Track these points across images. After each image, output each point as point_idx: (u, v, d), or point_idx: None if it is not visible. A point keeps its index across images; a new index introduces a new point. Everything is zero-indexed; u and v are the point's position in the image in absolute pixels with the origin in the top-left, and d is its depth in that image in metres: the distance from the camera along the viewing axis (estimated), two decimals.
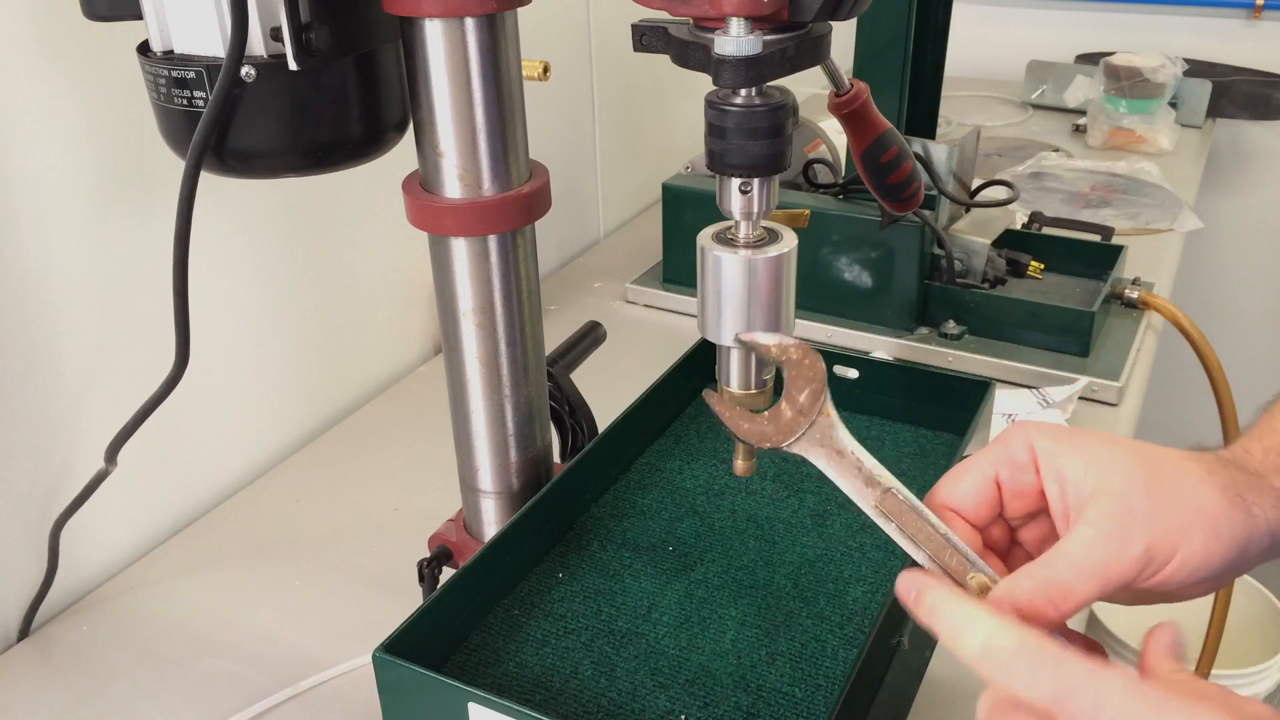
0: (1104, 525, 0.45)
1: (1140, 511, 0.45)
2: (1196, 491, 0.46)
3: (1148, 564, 0.45)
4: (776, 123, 0.55)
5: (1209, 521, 0.45)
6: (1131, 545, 0.44)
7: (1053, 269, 1.33)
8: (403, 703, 0.60)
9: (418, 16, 0.60)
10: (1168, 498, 0.46)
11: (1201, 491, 0.46)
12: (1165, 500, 0.45)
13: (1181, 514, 0.45)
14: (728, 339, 0.61)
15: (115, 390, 0.91)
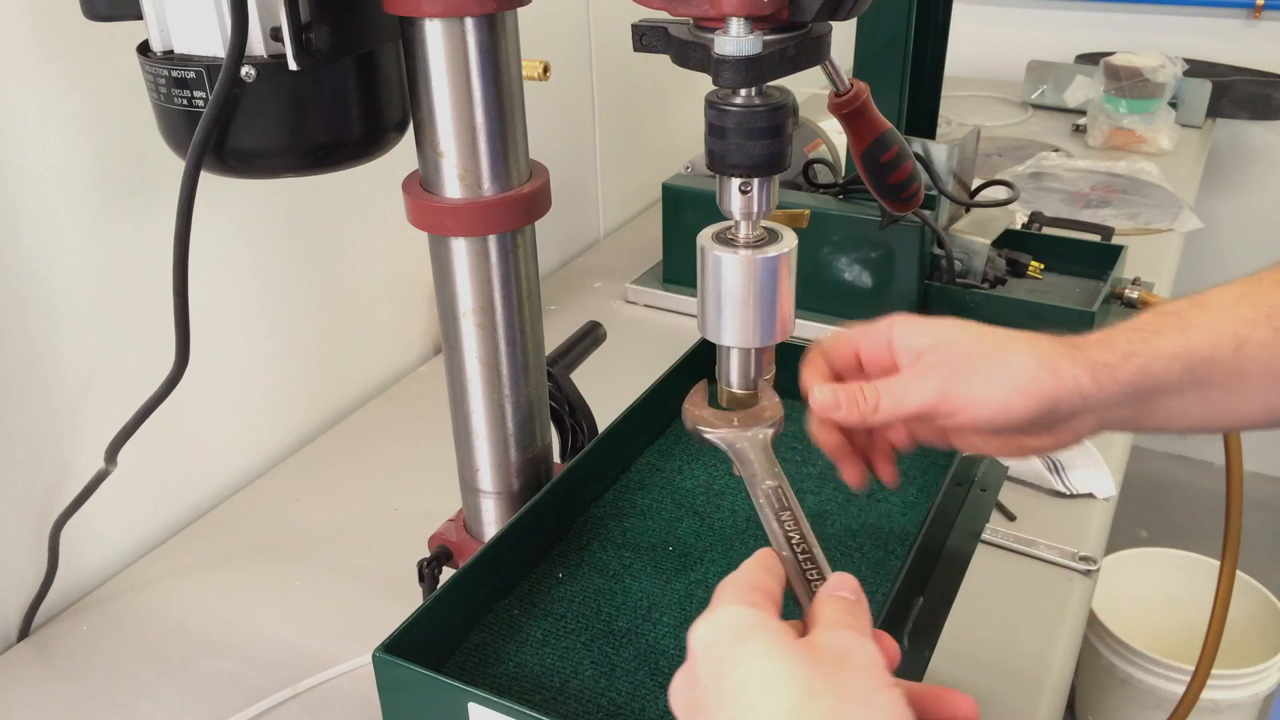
0: (908, 371, 0.58)
1: (943, 365, 0.56)
2: (1008, 356, 0.56)
3: (941, 403, 0.56)
4: (776, 123, 0.55)
5: (1011, 377, 0.55)
6: (926, 386, 0.56)
7: (1053, 269, 1.33)
8: (403, 703, 0.60)
9: (418, 16, 0.60)
10: (977, 359, 0.56)
11: (1012, 356, 0.56)
12: (974, 360, 0.56)
13: (985, 370, 0.56)
14: (728, 339, 0.61)
15: (115, 390, 0.91)
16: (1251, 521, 1.44)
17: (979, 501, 0.82)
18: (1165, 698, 1.67)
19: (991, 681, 0.81)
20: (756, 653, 0.42)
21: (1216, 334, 0.56)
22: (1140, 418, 0.58)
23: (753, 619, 0.44)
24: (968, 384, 0.56)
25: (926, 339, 0.58)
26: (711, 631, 0.44)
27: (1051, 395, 0.55)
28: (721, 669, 0.42)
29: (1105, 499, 1.01)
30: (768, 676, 0.41)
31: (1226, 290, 0.59)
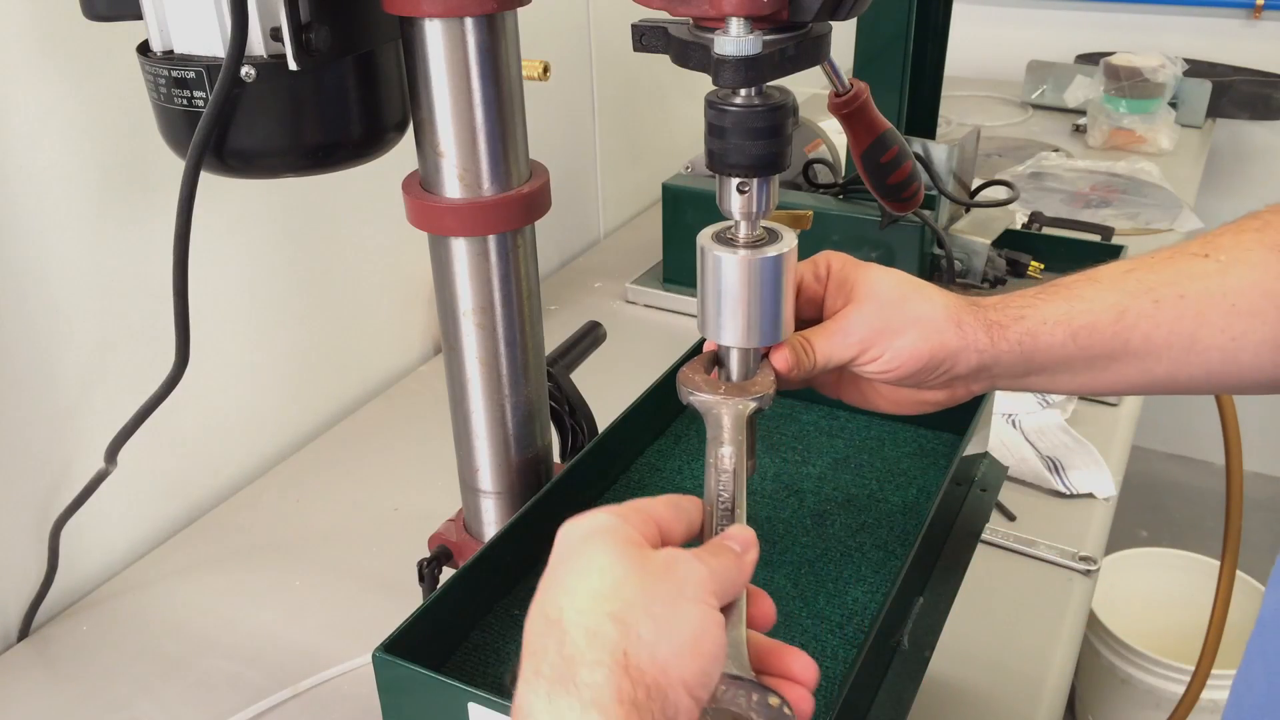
0: (833, 324, 0.62)
1: (867, 318, 0.61)
2: (923, 307, 0.61)
3: (862, 352, 0.61)
4: (776, 123, 0.55)
5: (922, 327, 0.60)
6: (849, 339, 0.61)
7: (1053, 269, 1.33)
8: (403, 703, 0.60)
9: (418, 16, 0.60)
10: (897, 310, 0.61)
11: (926, 308, 0.61)
12: (894, 312, 0.61)
13: (902, 321, 0.61)
14: (727, 339, 0.61)
15: (115, 390, 0.91)
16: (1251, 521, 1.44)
17: (979, 501, 0.82)
18: (1165, 698, 1.67)
19: (991, 681, 0.81)
20: (594, 548, 0.45)
21: (1099, 304, 0.62)
22: (1034, 378, 0.64)
23: (608, 525, 0.46)
24: (885, 337, 0.61)
25: (856, 294, 0.63)
26: (572, 528, 0.47)
27: (955, 346, 0.61)
28: (562, 557, 0.46)
29: (1105, 499, 1.01)
30: (591, 566, 0.44)
31: (1116, 266, 0.64)
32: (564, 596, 0.43)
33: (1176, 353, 0.60)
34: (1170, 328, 0.60)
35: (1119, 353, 0.61)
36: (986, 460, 0.85)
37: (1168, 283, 0.61)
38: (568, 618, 0.42)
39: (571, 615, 0.42)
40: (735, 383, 0.61)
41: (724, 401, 0.60)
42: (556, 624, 0.42)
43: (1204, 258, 0.62)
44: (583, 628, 0.41)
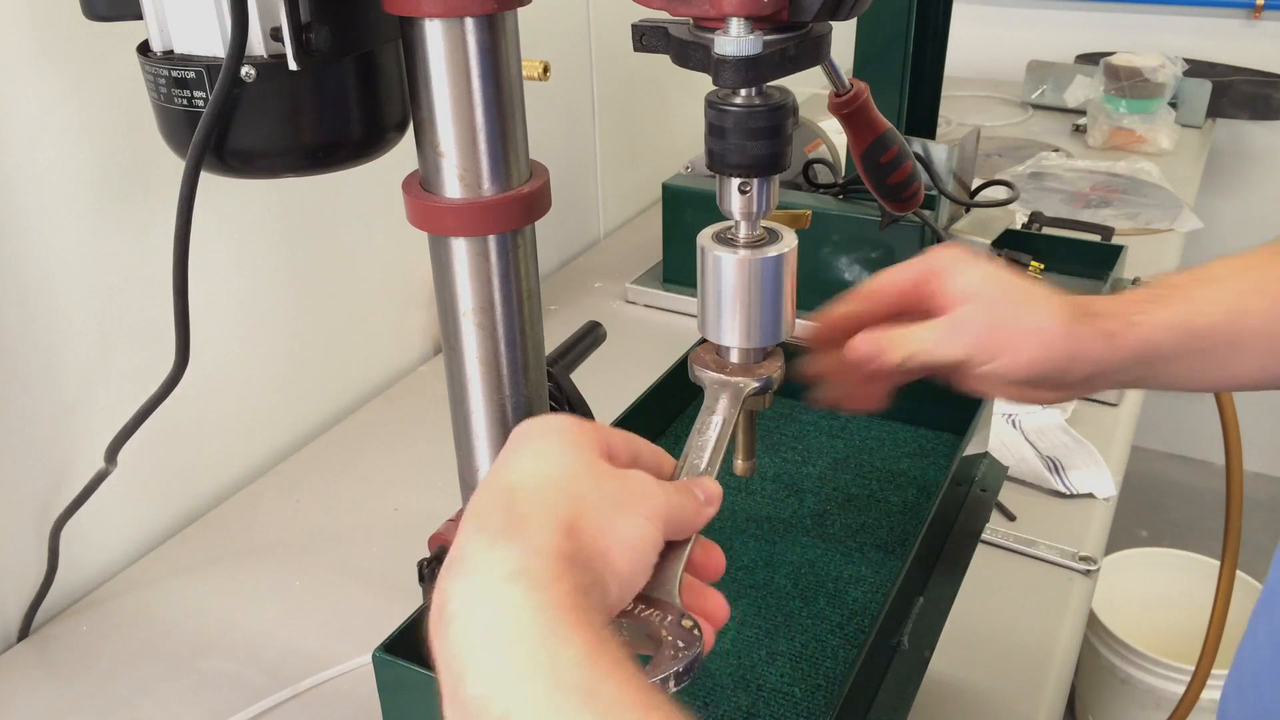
0: (943, 322, 0.62)
1: (981, 319, 0.61)
2: (1037, 317, 0.61)
3: (971, 357, 0.61)
4: (776, 123, 0.55)
5: (1037, 339, 0.60)
6: (955, 342, 0.61)
7: (1053, 269, 1.33)
8: (403, 703, 0.60)
9: (418, 16, 0.60)
10: (1011, 315, 0.61)
11: (1041, 319, 0.61)
12: (1007, 317, 0.61)
13: (1017, 331, 0.60)
14: (728, 339, 0.61)
15: (115, 390, 0.91)
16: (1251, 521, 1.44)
17: (979, 501, 0.82)
18: (1165, 698, 1.67)
19: (991, 681, 0.81)
20: (553, 441, 0.46)
21: (1215, 305, 0.62)
22: (1145, 380, 0.64)
23: (568, 425, 0.47)
24: (996, 344, 0.61)
25: (965, 286, 0.62)
26: (530, 423, 0.49)
27: (1070, 356, 0.61)
28: (517, 445, 0.47)
29: (1105, 499, 1.01)
30: (550, 455, 0.45)
31: (1227, 263, 0.63)
32: (517, 475, 0.44)
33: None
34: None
35: (1234, 351, 0.62)
36: (986, 460, 0.85)
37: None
38: (522, 489, 0.43)
39: (527, 488, 0.43)
40: (742, 364, 0.62)
41: (726, 379, 0.61)
42: (508, 492, 0.43)
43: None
44: (536, 497, 0.42)
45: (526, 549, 0.39)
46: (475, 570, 0.39)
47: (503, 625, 0.37)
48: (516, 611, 0.37)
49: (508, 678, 0.36)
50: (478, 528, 0.42)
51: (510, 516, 0.41)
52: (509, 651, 0.36)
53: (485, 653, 0.37)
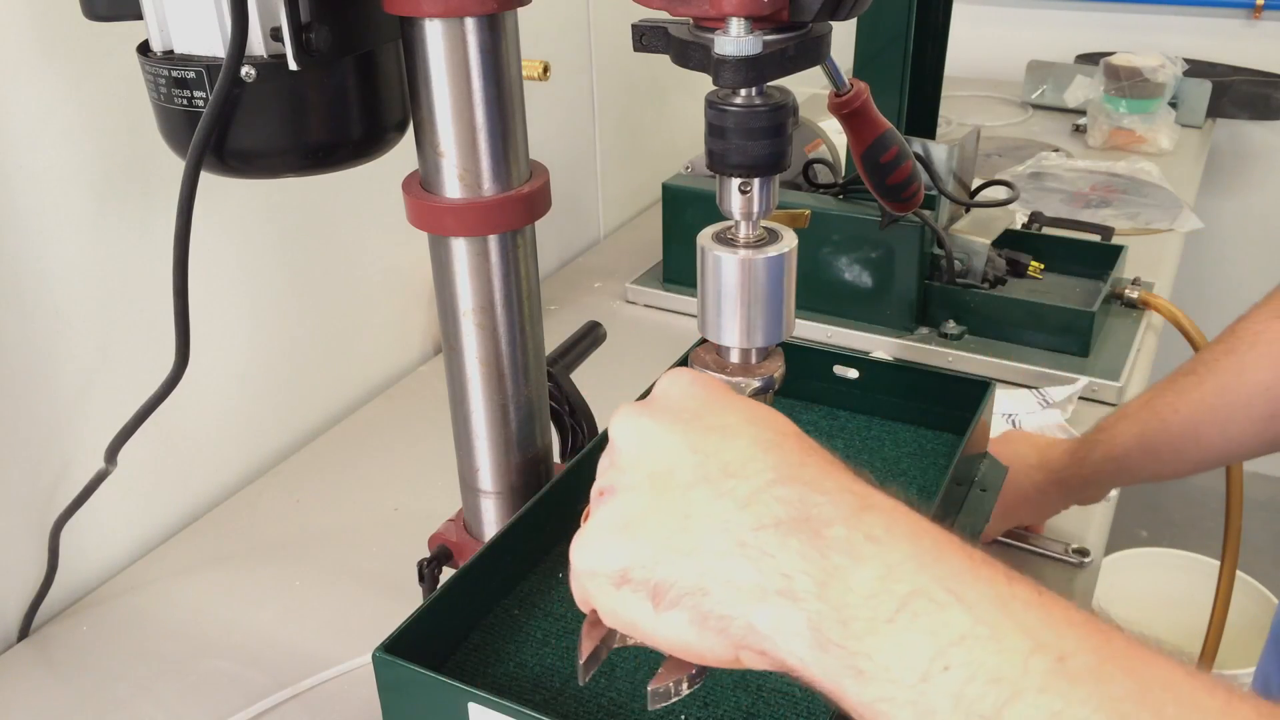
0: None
1: (1007, 505, 0.88)
2: (1023, 494, 0.92)
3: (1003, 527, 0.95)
4: (776, 123, 0.55)
5: (1027, 510, 0.94)
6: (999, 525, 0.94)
7: (1053, 269, 1.33)
8: (403, 703, 0.60)
9: (418, 16, 0.60)
10: (1018, 502, 0.92)
11: (1027, 509, 0.95)
12: (1014, 502, 0.91)
13: (1020, 497, 0.91)
14: (728, 339, 0.61)
15: (115, 390, 0.91)
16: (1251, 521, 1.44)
17: (979, 501, 0.82)
18: None
19: None
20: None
21: (1126, 433, 0.88)
22: (1118, 481, 0.94)
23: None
24: (1011, 517, 0.94)
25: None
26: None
27: (1049, 509, 0.96)
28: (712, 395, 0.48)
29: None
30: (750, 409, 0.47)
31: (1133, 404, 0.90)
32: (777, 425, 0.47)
33: (1189, 449, 0.85)
34: (1180, 433, 0.84)
35: (1158, 459, 0.87)
36: (986, 460, 0.85)
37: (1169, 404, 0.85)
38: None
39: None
40: (742, 364, 0.62)
41: (726, 379, 0.61)
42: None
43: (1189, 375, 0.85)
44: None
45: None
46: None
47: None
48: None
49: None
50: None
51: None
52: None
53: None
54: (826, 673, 0.37)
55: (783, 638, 0.38)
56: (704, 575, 0.40)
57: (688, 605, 0.40)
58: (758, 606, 0.39)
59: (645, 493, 0.44)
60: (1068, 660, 0.34)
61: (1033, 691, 0.34)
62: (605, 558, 0.43)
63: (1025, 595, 0.37)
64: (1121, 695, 0.33)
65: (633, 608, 0.42)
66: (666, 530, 0.42)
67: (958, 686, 0.35)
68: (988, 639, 0.35)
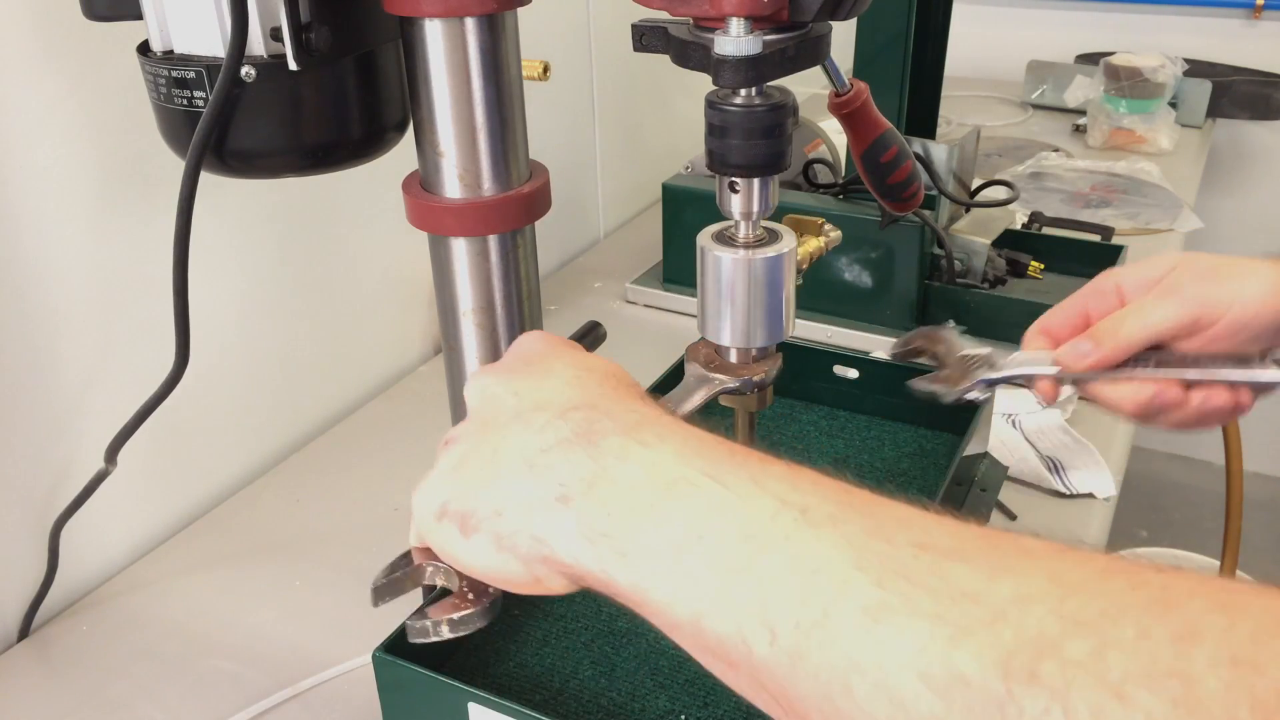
0: (1150, 295, 0.60)
1: (1193, 280, 0.59)
2: (1252, 264, 0.60)
3: (1202, 312, 0.58)
4: (776, 123, 0.55)
5: (1265, 279, 0.59)
6: (1176, 301, 0.58)
7: (1053, 269, 1.33)
8: (403, 703, 0.60)
9: (418, 16, 0.60)
10: (1226, 267, 0.60)
11: (1258, 264, 0.60)
12: (1223, 270, 0.59)
13: (1239, 275, 0.59)
14: (727, 339, 0.61)
15: (115, 390, 0.91)
16: (1251, 521, 1.44)
17: (979, 501, 0.82)
18: None
19: None
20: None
21: None
22: None
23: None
24: (1230, 289, 0.59)
25: (1162, 268, 0.61)
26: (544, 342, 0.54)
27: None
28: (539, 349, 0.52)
29: (1105, 499, 1.01)
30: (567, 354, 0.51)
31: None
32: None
33: None
34: None
35: None
36: (986, 460, 0.85)
37: None
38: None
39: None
40: (736, 363, 0.62)
41: (707, 375, 0.61)
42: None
43: None
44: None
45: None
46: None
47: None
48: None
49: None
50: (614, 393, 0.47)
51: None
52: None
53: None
54: (598, 564, 0.40)
55: (558, 540, 0.41)
56: (500, 498, 0.43)
57: (487, 529, 0.43)
58: (538, 515, 0.42)
59: (473, 436, 0.47)
60: (809, 512, 0.37)
61: (778, 540, 0.37)
62: (430, 495, 0.47)
63: (778, 471, 0.40)
64: (857, 532, 0.36)
65: (448, 538, 0.45)
66: (479, 464, 0.45)
67: (711, 550, 0.38)
68: (738, 506, 0.39)
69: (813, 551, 0.36)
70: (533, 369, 0.49)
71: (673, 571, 0.38)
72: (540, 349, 0.52)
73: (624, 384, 0.48)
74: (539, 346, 0.52)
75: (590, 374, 0.48)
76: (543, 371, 0.49)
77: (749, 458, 0.41)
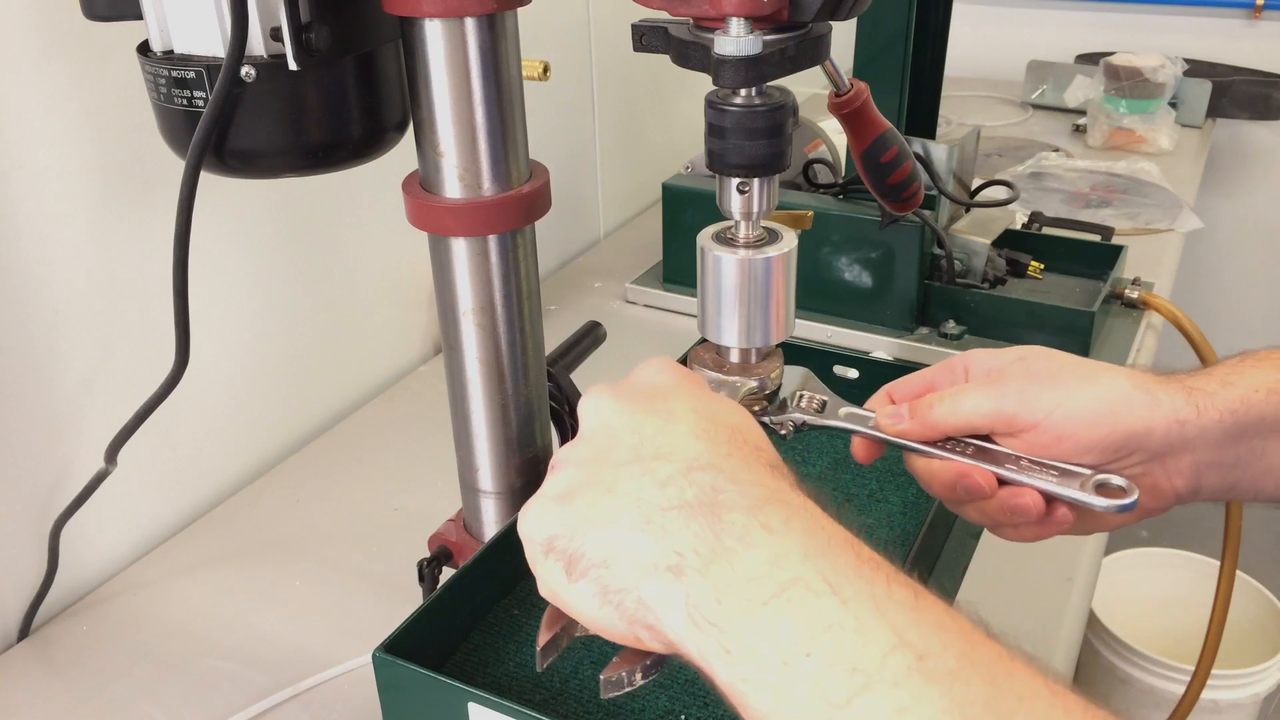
0: (979, 382, 0.57)
1: (1028, 375, 0.55)
2: (1099, 373, 0.54)
3: (1020, 410, 0.54)
4: (776, 123, 0.55)
5: (1103, 391, 0.53)
6: (997, 393, 0.54)
7: (1053, 269, 1.33)
8: (403, 703, 0.60)
9: (418, 16, 0.60)
10: (1067, 372, 0.54)
11: (1104, 374, 0.54)
12: (1063, 373, 0.54)
13: (1075, 382, 0.54)
14: (727, 339, 0.61)
15: (115, 390, 0.91)
16: (1251, 521, 1.44)
17: None
18: (1165, 698, 1.67)
19: None
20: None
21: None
22: (1240, 466, 0.56)
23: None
24: (1055, 393, 0.53)
25: (1008, 357, 0.57)
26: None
27: (1146, 418, 0.52)
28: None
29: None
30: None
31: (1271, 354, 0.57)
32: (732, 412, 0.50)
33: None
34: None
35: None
36: None
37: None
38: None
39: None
40: (741, 364, 0.62)
41: (724, 379, 0.61)
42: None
43: None
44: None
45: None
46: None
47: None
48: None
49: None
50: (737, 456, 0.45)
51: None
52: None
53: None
54: (699, 649, 0.39)
55: (664, 612, 0.40)
56: (611, 548, 0.42)
57: (593, 577, 0.42)
58: (648, 580, 0.40)
59: (585, 466, 0.46)
60: (927, 660, 0.35)
61: (886, 685, 0.35)
62: (538, 525, 0.46)
63: (901, 596, 0.38)
64: (972, 699, 0.34)
65: (554, 576, 0.44)
66: (591, 500, 0.44)
67: (817, 673, 0.36)
68: (854, 631, 0.36)
69: (919, 708, 0.34)
70: (656, 407, 0.47)
71: (774, 685, 0.36)
72: (665, 384, 0.49)
73: (750, 442, 0.46)
74: (664, 380, 0.50)
75: (718, 428, 0.46)
76: (667, 413, 0.47)
77: (876, 571, 0.39)
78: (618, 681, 0.46)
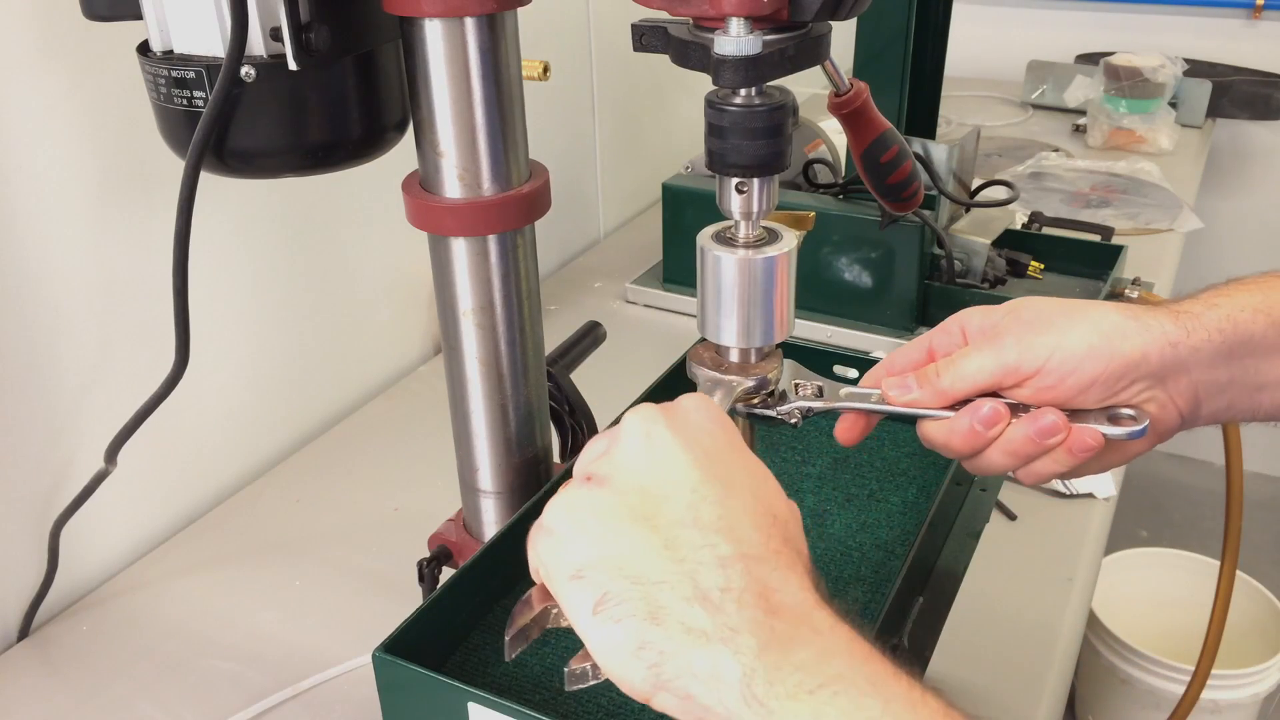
0: (978, 341, 0.58)
1: (1020, 325, 0.56)
2: (1088, 310, 0.56)
3: (1022, 360, 0.55)
4: (776, 123, 0.55)
5: (1092, 324, 0.55)
6: (998, 349, 0.56)
7: (1053, 269, 1.33)
8: (403, 703, 0.60)
9: (418, 16, 0.60)
10: (1056, 315, 0.56)
11: (1093, 309, 0.55)
12: (1053, 317, 0.56)
13: (1066, 323, 0.55)
14: (727, 339, 0.61)
15: (115, 390, 0.91)
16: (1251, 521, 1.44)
17: (979, 501, 0.82)
18: (1165, 698, 1.67)
19: (991, 681, 0.81)
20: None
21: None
22: (1235, 385, 0.56)
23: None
24: (1049, 337, 0.55)
25: (1000, 313, 0.58)
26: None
27: (1140, 344, 0.54)
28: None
29: (1105, 499, 1.01)
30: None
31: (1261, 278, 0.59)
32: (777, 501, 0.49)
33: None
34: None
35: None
36: None
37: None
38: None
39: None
40: (740, 363, 0.62)
41: (721, 377, 0.61)
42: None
43: None
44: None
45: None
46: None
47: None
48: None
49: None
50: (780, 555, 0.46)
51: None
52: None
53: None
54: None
55: (715, 683, 0.41)
56: (660, 609, 0.42)
57: (630, 627, 0.42)
58: (700, 650, 0.41)
59: (633, 503, 0.45)
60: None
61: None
62: (568, 551, 0.45)
63: (935, 705, 0.41)
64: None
65: (577, 604, 0.44)
66: (639, 551, 0.44)
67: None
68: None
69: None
70: (715, 470, 0.47)
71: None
72: (727, 442, 0.49)
73: (792, 542, 0.47)
74: (725, 437, 0.49)
75: (773, 521, 0.46)
76: (726, 482, 0.47)
77: (912, 682, 0.42)
78: (582, 674, 0.46)
